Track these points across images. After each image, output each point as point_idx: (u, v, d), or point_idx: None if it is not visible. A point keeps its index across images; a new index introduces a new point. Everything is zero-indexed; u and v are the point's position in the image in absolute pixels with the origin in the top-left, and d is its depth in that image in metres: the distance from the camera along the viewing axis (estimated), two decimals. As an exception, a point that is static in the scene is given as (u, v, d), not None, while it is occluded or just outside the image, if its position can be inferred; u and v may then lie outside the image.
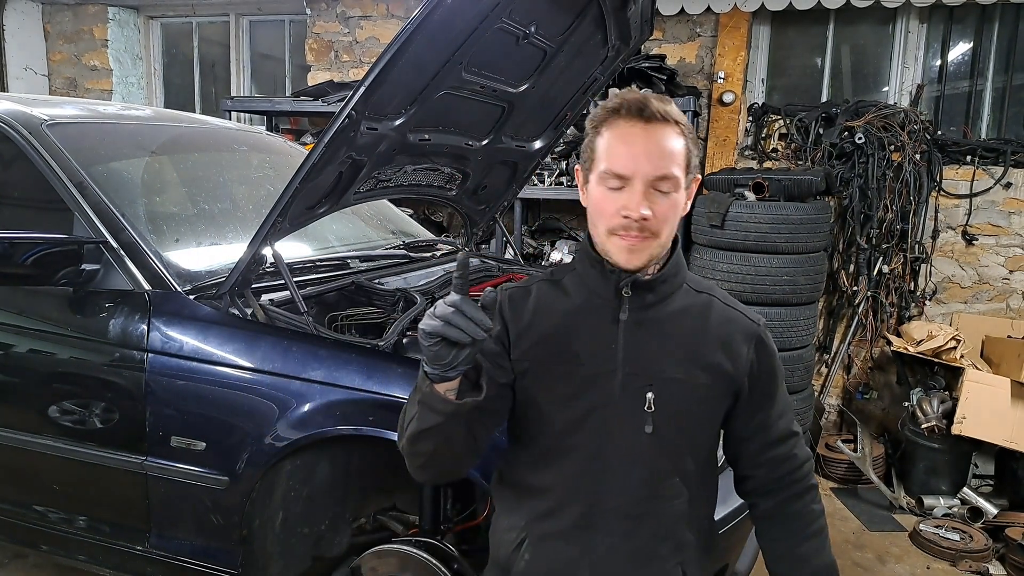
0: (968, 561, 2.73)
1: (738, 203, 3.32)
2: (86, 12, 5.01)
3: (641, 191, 1.07)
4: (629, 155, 1.07)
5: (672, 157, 1.08)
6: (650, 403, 1.11)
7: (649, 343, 1.14)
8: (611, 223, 1.09)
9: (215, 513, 1.70)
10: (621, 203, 1.07)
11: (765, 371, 1.19)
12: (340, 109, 1.57)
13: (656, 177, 1.07)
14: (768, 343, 1.20)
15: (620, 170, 1.07)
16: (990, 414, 3.06)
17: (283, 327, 1.72)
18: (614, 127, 1.09)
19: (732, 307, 1.21)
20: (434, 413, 1.05)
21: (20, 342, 1.89)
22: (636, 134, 1.08)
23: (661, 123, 1.08)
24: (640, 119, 1.08)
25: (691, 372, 1.14)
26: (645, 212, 1.06)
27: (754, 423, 1.21)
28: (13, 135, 1.91)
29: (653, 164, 1.07)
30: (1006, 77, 3.73)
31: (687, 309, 1.17)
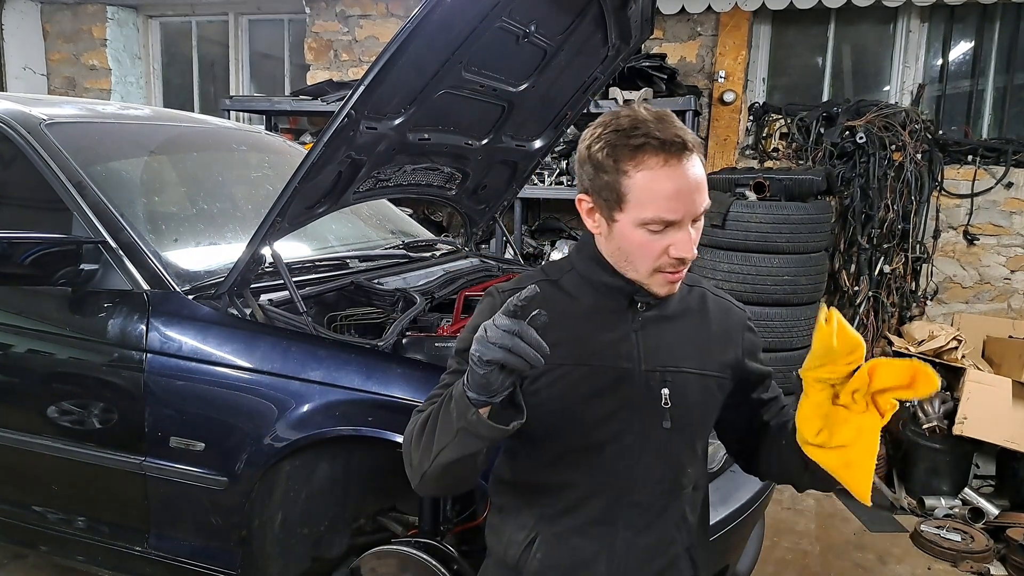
0: (969, 562, 2.73)
1: (739, 203, 3.31)
2: (85, 11, 5.00)
3: (688, 231, 1.06)
4: (679, 201, 1.03)
5: (705, 187, 1.07)
6: (666, 399, 1.12)
7: (661, 340, 1.15)
8: (659, 263, 1.07)
9: (214, 514, 1.70)
10: (667, 243, 1.05)
11: (756, 350, 1.25)
12: (339, 108, 1.56)
13: (700, 215, 1.07)
14: (752, 325, 1.26)
15: (671, 218, 1.03)
16: (991, 414, 3.05)
17: (282, 327, 1.71)
18: (648, 168, 1.03)
19: (722, 297, 1.25)
20: (479, 439, 1.01)
21: (19, 342, 1.89)
22: (678, 176, 1.03)
23: (690, 153, 1.04)
24: (674, 155, 1.02)
25: (702, 365, 1.16)
26: (693, 252, 1.06)
27: (764, 398, 1.25)
28: (12, 135, 1.90)
29: (699, 202, 1.06)
30: (1007, 77, 3.72)
31: (687, 304, 1.20)
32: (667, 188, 1.03)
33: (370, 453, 1.72)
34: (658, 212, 1.03)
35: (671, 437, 1.14)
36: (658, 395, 1.13)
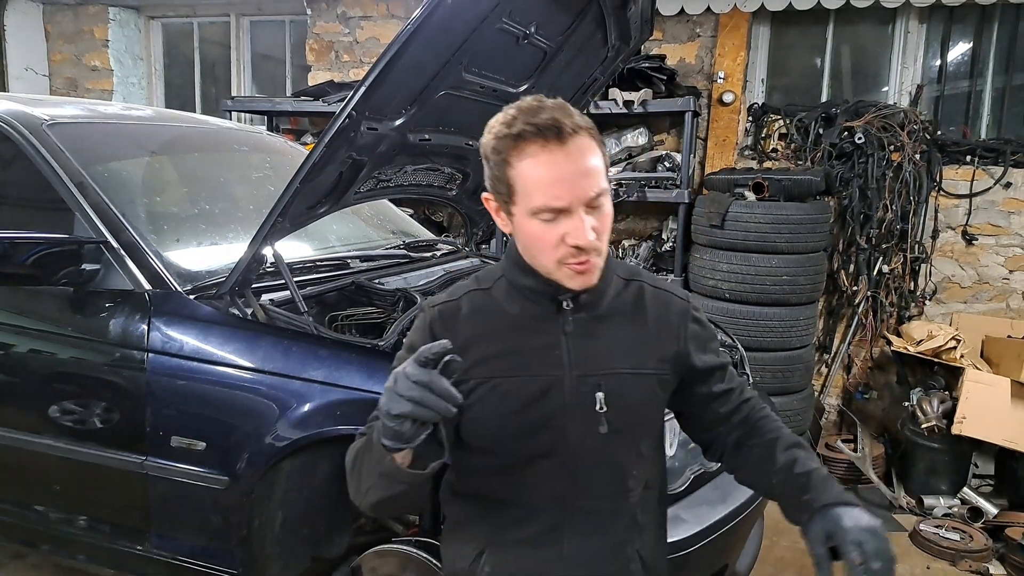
0: (968, 561, 2.73)
1: (738, 203, 3.32)
2: (87, 12, 5.01)
3: (583, 217, 1.00)
4: (562, 186, 0.99)
5: (599, 170, 1.02)
6: (601, 403, 1.09)
7: (593, 343, 1.11)
8: (558, 254, 1.02)
9: (215, 513, 1.70)
10: (561, 233, 1.01)
11: (703, 341, 1.19)
12: (340, 109, 1.57)
13: (592, 198, 1.01)
14: (699, 315, 1.20)
15: (558, 204, 1.00)
16: (990, 414, 3.06)
17: (283, 327, 1.72)
18: (529, 155, 1.00)
19: (661, 288, 1.19)
20: (399, 483, 1.01)
21: (20, 342, 1.89)
22: (559, 160, 0.99)
23: (574, 136, 1.00)
24: (558, 140, 0.99)
25: (638, 363, 1.12)
26: (592, 238, 1.01)
27: (715, 391, 1.20)
28: (14, 135, 1.91)
29: (585, 186, 1.00)
30: (1006, 77, 3.73)
31: (622, 299, 1.15)
32: (548, 174, 1.00)
33: (371, 452, 1.73)
34: (544, 200, 1.00)
35: (610, 441, 1.10)
36: (592, 400, 1.09)
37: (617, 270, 1.17)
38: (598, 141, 1.04)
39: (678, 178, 3.69)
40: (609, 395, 1.09)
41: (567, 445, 1.10)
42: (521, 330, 1.12)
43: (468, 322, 1.13)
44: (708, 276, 3.38)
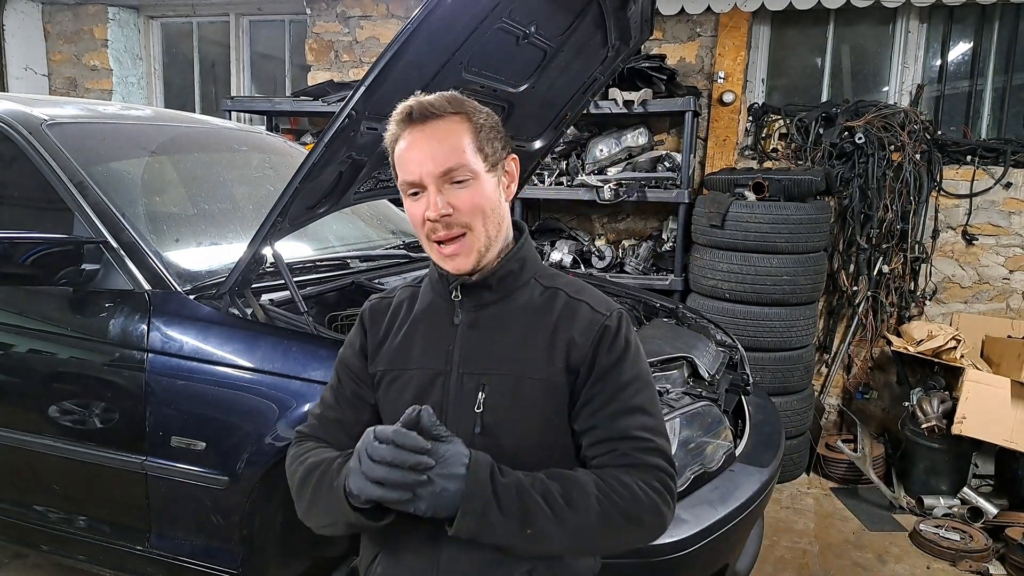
0: (968, 561, 2.73)
1: (738, 203, 3.32)
2: (86, 12, 5.01)
3: (435, 191, 1.06)
4: (413, 160, 1.07)
5: (456, 146, 1.06)
6: (480, 403, 1.08)
7: (484, 342, 1.11)
8: (425, 230, 1.08)
9: (215, 513, 1.70)
10: (423, 208, 1.07)
11: (605, 364, 1.08)
12: (340, 109, 1.57)
13: (442, 172, 1.05)
14: (616, 334, 1.10)
15: (409, 177, 1.07)
16: (990, 414, 3.06)
17: (283, 327, 1.72)
18: (400, 138, 1.09)
19: (579, 299, 1.13)
20: (362, 530, 1.05)
21: (20, 342, 1.89)
22: (415, 138, 1.07)
23: (435, 119, 1.07)
24: (415, 124, 1.07)
25: (523, 369, 1.08)
26: (442, 210, 1.05)
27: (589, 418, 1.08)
28: (13, 135, 1.91)
29: (435, 161, 1.05)
30: (1006, 77, 3.73)
31: (529, 305, 1.13)
32: (402, 150, 1.08)
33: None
34: (402, 175, 1.08)
35: (485, 445, 1.05)
36: (472, 399, 1.08)
37: (540, 274, 1.17)
38: (470, 121, 1.08)
39: (678, 178, 3.69)
40: (489, 396, 1.08)
41: None
42: (422, 322, 1.15)
43: (391, 316, 1.18)
44: (708, 276, 3.38)
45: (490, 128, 1.11)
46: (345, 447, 1.13)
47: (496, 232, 1.11)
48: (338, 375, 1.22)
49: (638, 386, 1.10)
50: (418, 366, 1.12)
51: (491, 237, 1.10)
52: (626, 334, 1.12)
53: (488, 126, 1.10)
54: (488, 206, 1.08)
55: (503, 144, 1.13)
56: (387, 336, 1.17)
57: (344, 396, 1.20)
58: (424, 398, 1.09)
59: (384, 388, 1.15)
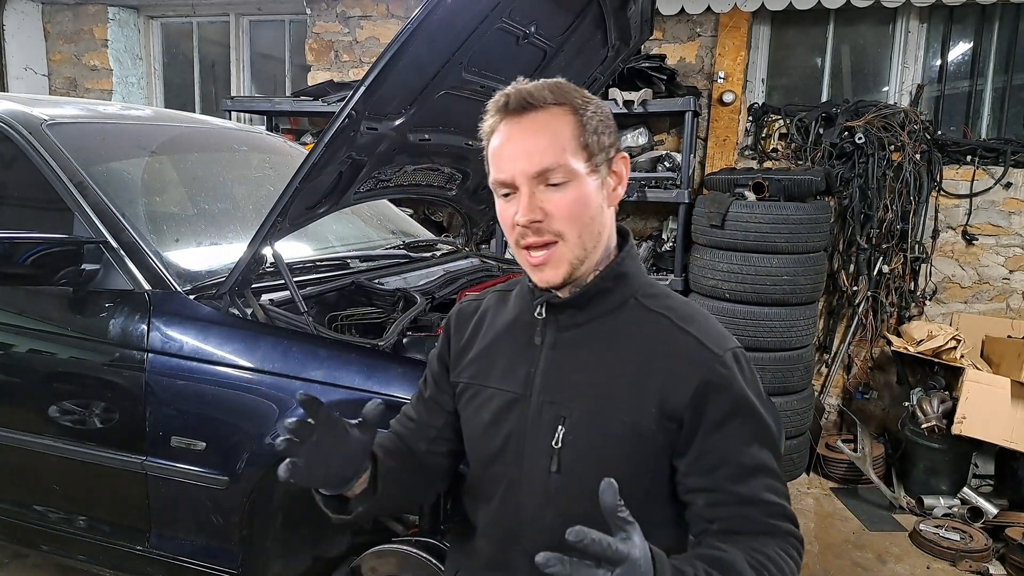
0: (968, 561, 2.73)
1: (738, 203, 3.32)
2: (86, 12, 5.01)
3: (528, 192, 0.93)
4: (506, 156, 0.95)
5: (555, 143, 0.93)
6: (559, 438, 0.95)
7: (567, 368, 0.98)
8: (515, 235, 0.96)
9: (215, 513, 1.70)
10: (514, 211, 0.95)
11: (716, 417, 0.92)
12: (340, 109, 1.57)
13: (537, 172, 0.93)
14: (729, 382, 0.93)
15: (500, 176, 0.96)
16: (990, 414, 3.06)
17: (283, 327, 1.72)
18: (496, 131, 0.97)
19: (685, 328, 0.97)
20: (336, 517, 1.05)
21: (20, 342, 1.89)
22: (511, 132, 0.95)
23: (534, 110, 0.94)
24: (511, 115, 0.95)
25: (608, 406, 0.95)
26: (531, 215, 0.92)
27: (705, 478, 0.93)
28: (13, 135, 1.91)
29: (530, 159, 0.93)
30: (1006, 77, 3.73)
31: (625, 330, 0.98)
32: (497, 145, 0.96)
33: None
34: (494, 173, 0.97)
35: (561, 484, 0.96)
36: (550, 431, 0.96)
37: (644, 294, 1.01)
38: (577, 115, 0.95)
39: (678, 178, 3.69)
40: (569, 431, 0.95)
41: (519, 474, 1.00)
42: (505, 337, 1.05)
43: (476, 322, 1.09)
44: (708, 276, 3.38)
45: (598, 122, 0.97)
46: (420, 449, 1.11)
47: (594, 243, 0.97)
48: (424, 376, 1.18)
49: (760, 441, 0.94)
50: (497, 386, 1.02)
51: (587, 248, 0.96)
52: (741, 381, 0.94)
53: (596, 120, 0.96)
54: (586, 213, 0.95)
55: (611, 141, 0.99)
56: (470, 345, 1.08)
57: (423, 398, 1.16)
58: (501, 424, 1.00)
59: (465, 402, 1.07)
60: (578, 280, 0.98)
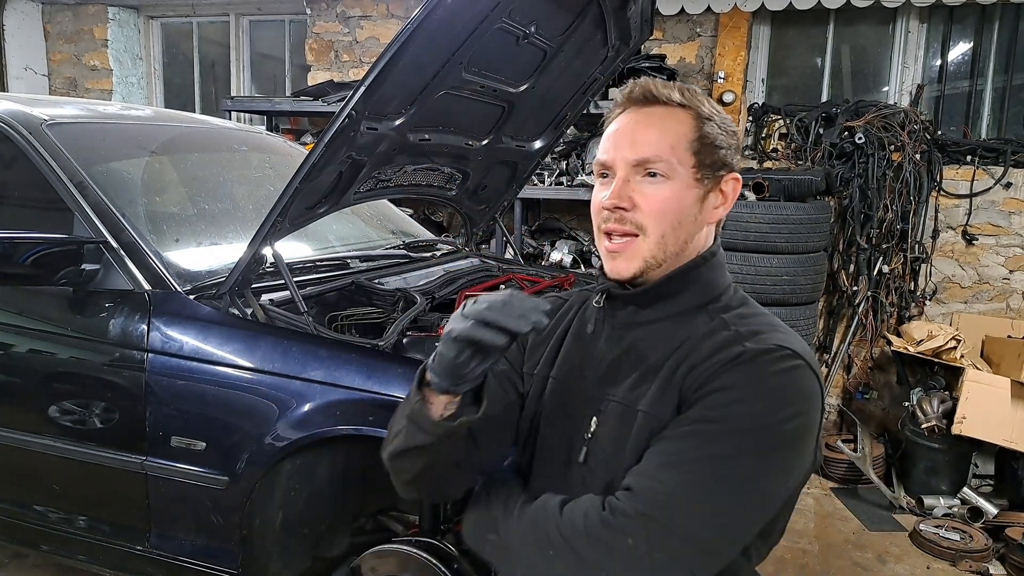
0: (968, 561, 2.73)
1: (738, 203, 3.31)
2: (86, 12, 5.01)
3: (622, 177, 0.93)
4: (613, 140, 0.95)
5: (664, 138, 0.92)
6: (591, 431, 0.95)
7: (623, 364, 0.96)
8: (596, 219, 0.96)
9: (215, 513, 1.70)
10: (602, 193, 0.95)
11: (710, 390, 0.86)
12: (340, 109, 1.57)
13: (637, 161, 0.92)
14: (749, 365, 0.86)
15: (602, 157, 0.96)
16: (990, 414, 3.06)
17: (283, 327, 1.72)
18: (615, 118, 0.98)
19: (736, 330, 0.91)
20: (423, 432, 0.92)
21: (20, 342, 1.89)
22: (628, 120, 0.96)
23: (656, 104, 0.94)
24: (634, 105, 0.96)
25: (633, 398, 0.93)
26: (618, 201, 0.91)
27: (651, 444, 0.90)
28: (13, 135, 1.91)
29: (634, 146, 0.92)
30: (1006, 77, 3.73)
31: (681, 337, 0.94)
32: (611, 130, 0.97)
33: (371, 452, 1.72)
34: (598, 154, 0.97)
35: (585, 476, 0.96)
36: (587, 424, 0.96)
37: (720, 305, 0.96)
38: (698, 120, 0.94)
39: (678, 178, 3.69)
40: (601, 424, 0.95)
41: (553, 466, 1.01)
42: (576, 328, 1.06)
43: (560, 315, 1.09)
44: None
45: (718, 135, 0.95)
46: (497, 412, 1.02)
47: (676, 249, 0.94)
48: None
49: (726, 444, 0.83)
50: (555, 375, 1.03)
51: (667, 252, 0.93)
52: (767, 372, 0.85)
53: (717, 132, 0.95)
54: (676, 216, 0.92)
55: (727, 160, 0.96)
56: (547, 338, 1.07)
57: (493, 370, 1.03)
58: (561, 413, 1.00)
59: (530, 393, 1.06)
60: (649, 281, 0.96)
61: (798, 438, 0.86)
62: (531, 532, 0.91)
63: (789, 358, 0.87)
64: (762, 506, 0.86)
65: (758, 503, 0.86)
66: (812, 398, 0.88)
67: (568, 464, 0.98)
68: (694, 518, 0.82)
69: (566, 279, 2.46)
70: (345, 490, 1.80)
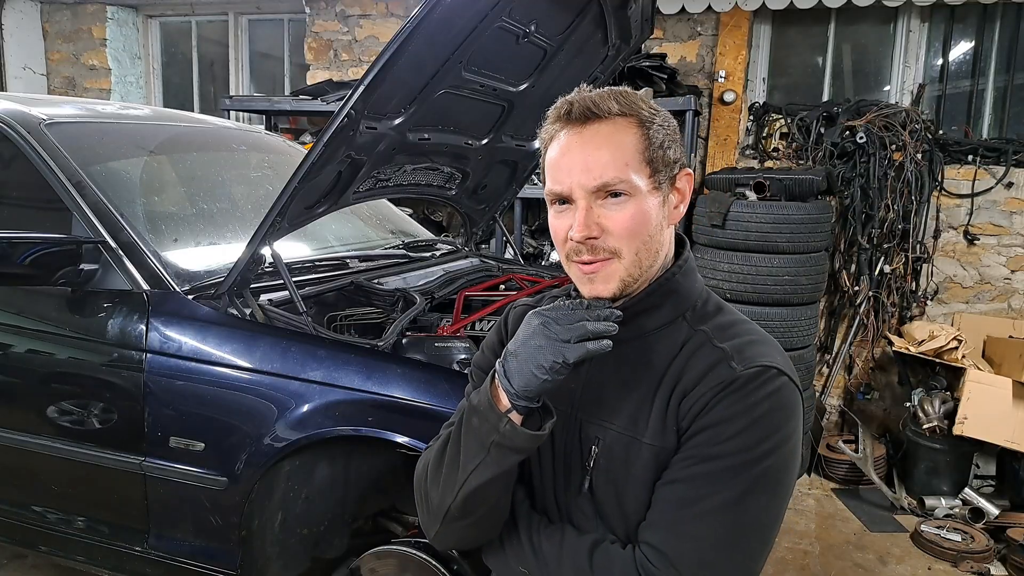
0: (969, 562, 2.73)
1: (739, 203, 3.31)
2: (85, 11, 5.00)
3: (584, 207, 0.89)
4: (563, 168, 0.90)
5: (617, 156, 0.89)
6: (592, 458, 0.93)
7: (606, 387, 0.95)
8: (567, 249, 0.93)
9: (214, 514, 1.70)
10: (568, 224, 0.91)
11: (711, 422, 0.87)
12: (339, 108, 1.56)
13: (596, 187, 0.88)
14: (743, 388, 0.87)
15: (556, 188, 0.91)
16: (992, 414, 3.05)
17: (282, 327, 1.71)
18: (555, 139, 0.93)
19: (721, 347, 0.92)
20: (515, 452, 0.88)
21: (19, 342, 1.88)
22: (572, 142, 0.91)
23: (597, 120, 0.90)
24: (573, 124, 0.91)
25: (636, 430, 0.92)
26: (587, 231, 0.88)
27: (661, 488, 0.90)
28: (12, 134, 1.90)
29: (589, 172, 0.88)
30: (1007, 76, 3.72)
31: (666, 352, 0.94)
32: (556, 155, 0.92)
33: (370, 453, 1.72)
34: (549, 184, 0.93)
35: (589, 506, 0.94)
36: (586, 451, 0.94)
37: (693, 311, 0.96)
38: (643, 127, 0.91)
39: (679, 177, 3.68)
40: (602, 454, 0.93)
41: (551, 492, 0.98)
42: None
43: None
44: (709, 276, 3.37)
45: (664, 136, 0.92)
46: None
47: (650, 262, 0.93)
48: (476, 379, 1.08)
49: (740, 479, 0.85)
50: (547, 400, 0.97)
51: (643, 267, 0.92)
52: (759, 397, 0.87)
53: (663, 134, 0.92)
54: (646, 231, 0.91)
55: (677, 156, 0.94)
56: None
57: None
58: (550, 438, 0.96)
59: None
60: (629, 296, 0.95)
61: (792, 456, 0.90)
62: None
63: (774, 378, 0.89)
64: (774, 530, 0.91)
65: (772, 531, 0.91)
66: (797, 414, 0.92)
67: (567, 490, 0.97)
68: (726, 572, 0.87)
69: (566, 279, 2.45)
70: (344, 491, 1.79)
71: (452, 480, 0.93)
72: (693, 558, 0.86)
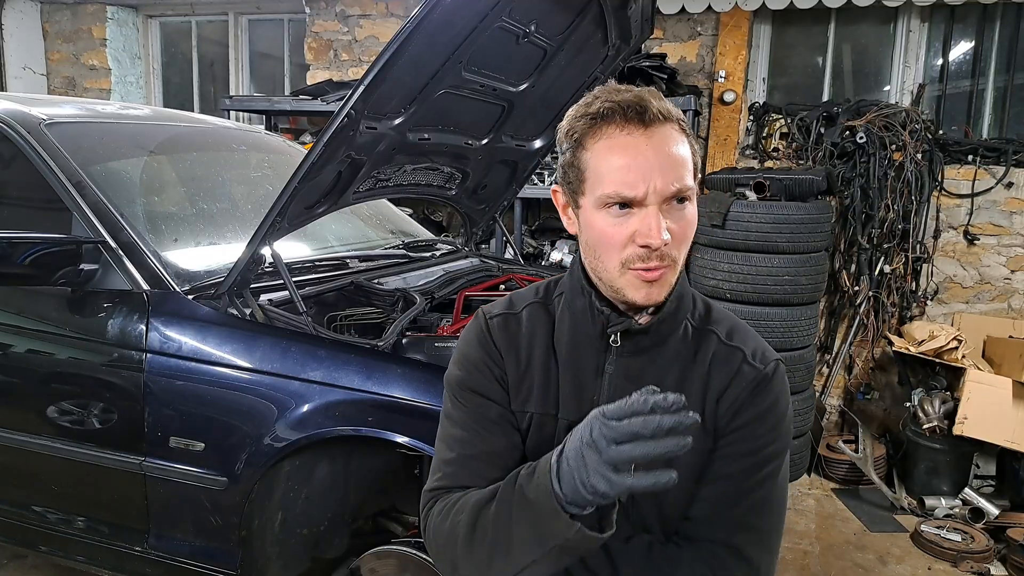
0: (969, 562, 2.73)
1: (739, 203, 3.31)
2: (85, 11, 5.00)
3: (657, 212, 0.87)
4: (637, 172, 0.87)
5: (684, 164, 0.89)
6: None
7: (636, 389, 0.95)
8: (625, 255, 0.89)
9: (214, 514, 1.70)
10: (632, 229, 0.88)
11: (743, 420, 0.94)
12: (339, 108, 1.56)
13: (674, 193, 0.88)
14: (767, 387, 0.95)
15: (628, 192, 0.87)
16: (992, 414, 3.05)
17: (282, 327, 1.71)
18: (607, 138, 0.90)
19: (733, 345, 0.97)
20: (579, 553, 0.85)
21: (19, 342, 1.88)
22: (639, 144, 0.88)
23: (663, 124, 0.89)
24: (640, 124, 0.88)
25: None
26: (667, 236, 0.87)
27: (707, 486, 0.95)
28: (12, 134, 1.90)
29: (666, 178, 0.87)
30: (1007, 76, 3.72)
31: (681, 353, 0.97)
32: (623, 158, 0.88)
33: (370, 453, 1.72)
34: (615, 187, 0.88)
35: (633, 517, 0.95)
36: None
37: (694, 315, 0.99)
38: (689, 136, 0.92)
39: (679, 177, 3.68)
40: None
41: None
42: (566, 358, 0.99)
43: (527, 344, 1.01)
44: (709, 276, 3.37)
45: (696, 143, 0.95)
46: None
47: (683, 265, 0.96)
48: (469, 403, 1.01)
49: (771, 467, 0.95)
50: (563, 414, 0.97)
51: (680, 273, 0.95)
52: (779, 391, 0.97)
53: (695, 140, 0.96)
54: (692, 237, 0.93)
55: (699, 165, 0.97)
56: (527, 369, 1.00)
57: (488, 421, 0.99)
58: None
59: (535, 431, 0.99)
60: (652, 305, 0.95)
61: None
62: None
63: (781, 369, 1.00)
64: None
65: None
66: None
67: None
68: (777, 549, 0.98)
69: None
70: (344, 491, 1.79)
71: (497, 567, 0.88)
72: (762, 547, 0.95)
